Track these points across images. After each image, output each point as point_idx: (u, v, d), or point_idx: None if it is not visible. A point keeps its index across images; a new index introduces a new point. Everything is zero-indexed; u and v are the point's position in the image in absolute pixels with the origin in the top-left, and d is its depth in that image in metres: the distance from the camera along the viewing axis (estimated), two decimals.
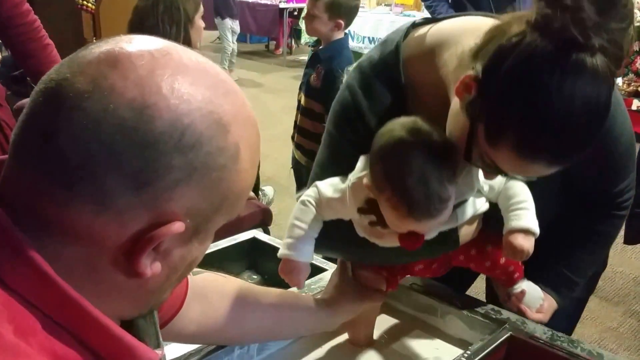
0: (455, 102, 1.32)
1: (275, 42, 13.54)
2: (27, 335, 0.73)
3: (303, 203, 1.53)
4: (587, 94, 1.15)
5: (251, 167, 0.87)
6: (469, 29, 1.35)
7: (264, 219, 3.26)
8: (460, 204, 1.48)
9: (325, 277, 1.83)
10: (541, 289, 1.71)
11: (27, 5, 2.92)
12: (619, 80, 7.55)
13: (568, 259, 1.75)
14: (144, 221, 0.77)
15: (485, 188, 1.50)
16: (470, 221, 1.55)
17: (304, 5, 11.60)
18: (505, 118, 1.20)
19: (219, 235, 2.10)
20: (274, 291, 1.57)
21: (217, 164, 0.80)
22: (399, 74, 1.50)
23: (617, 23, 1.15)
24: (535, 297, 1.69)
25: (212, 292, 1.44)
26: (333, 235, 1.56)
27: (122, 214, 0.75)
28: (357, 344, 1.71)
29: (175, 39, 2.90)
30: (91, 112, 0.73)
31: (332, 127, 1.64)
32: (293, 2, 12.22)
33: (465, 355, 1.51)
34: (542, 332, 1.63)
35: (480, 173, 1.42)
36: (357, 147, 1.50)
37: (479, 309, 1.72)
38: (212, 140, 0.79)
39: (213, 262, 2.05)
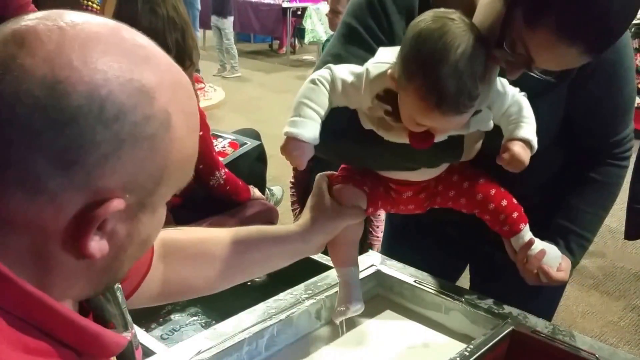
0: None
1: (278, 41, 13.49)
2: None
3: (313, 82, 1.42)
4: None
5: (188, 133, 0.84)
6: None
7: (270, 217, 3.26)
8: (475, 113, 1.40)
9: (331, 275, 1.85)
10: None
11: (32, 6, 2.96)
12: None
13: (573, 214, 1.73)
14: (81, 202, 0.74)
15: (498, 102, 1.45)
16: (475, 138, 1.52)
17: (307, 4, 11.60)
18: None
19: None
20: (237, 231, 1.47)
21: (146, 133, 0.76)
22: None
23: None
24: (554, 256, 1.65)
25: (172, 248, 1.35)
26: (336, 126, 1.44)
27: (55, 197, 0.72)
28: (340, 266, 1.61)
29: (184, 47, 2.82)
30: (4, 96, 0.70)
31: (351, 19, 1.59)
32: (296, 2, 12.18)
33: (468, 349, 1.52)
34: (543, 326, 1.64)
35: (496, 87, 1.41)
36: (377, 41, 1.48)
37: (481, 304, 1.73)
38: (137, 109, 0.75)
39: None
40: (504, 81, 1.44)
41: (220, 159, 3.12)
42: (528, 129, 1.42)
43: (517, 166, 1.40)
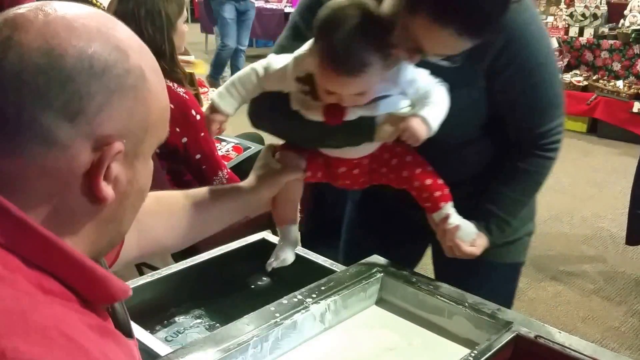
0: None
1: None
2: (14, 271, 0.83)
3: (252, 68, 1.69)
4: None
5: (160, 87, 1.00)
6: None
7: (272, 220, 3.26)
8: (384, 97, 1.62)
9: (336, 279, 1.86)
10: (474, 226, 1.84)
11: None
12: (620, 83, 7.56)
13: (496, 197, 1.88)
14: (88, 148, 0.88)
15: (410, 91, 1.64)
16: (391, 120, 1.64)
17: None
18: None
19: (230, 237, 2.15)
20: (195, 192, 1.69)
21: (128, 84, 0.92)
22: None
23: None
24: (468, 232, 1.82)
25: (141, 215, 1.42)
26: (272, 105, 1.71)
27: (66, 147, 0.87)
28: (281, 223, 1.83)
29: (160, 46, 2.85)
30: (10, 67, 0.84)
31: (296, 14, 1.84)
32: None
33: (472, 355, 1.53)
34: (547, 332, 1.64)
35: (406, 71, 1.61)
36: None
37: (485, 309, 1.73)
38: (118, 63, 0.91)
39: (223, 263, 2.09)
40: (422, 72, 1.64)
41: (225, 163, 3.14)
42: (429, 109, 1.60)
43: (412, 138, 1.59)
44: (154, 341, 1.69)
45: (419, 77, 1.64)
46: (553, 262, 4.67)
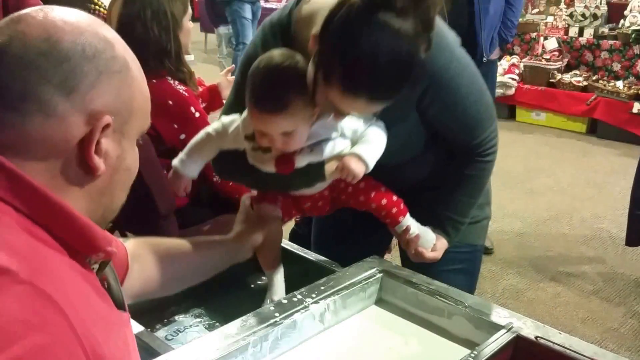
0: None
1: None
2: (5, 213, 0.96)
3: (206, 132, 1.91)
4: (387, 46, 1.47)
5: (142, 80, 1.15)
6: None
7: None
8: (325, 140, 1.80)
9: (335, 278, 1.87)
10: (432, 231, 2.01)
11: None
12: (620, 84, 7.56)
13: (448, 202, 2.04)
14: (82, 121, 1.03)
15: (349, 133, 1.82)
16: (337, 159, 1.81)
17: None
18: (332, 64, 1.53)
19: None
20: (190, 240, 1.81)
21: (114, 68, 1.08)
22: (289, 35, 1.82)
23: None
24: (428, 239, 1.99)
25: (144, 252, 1.66)
26: (233, 163, 1.91)
27: (63, 119, 1.01)
28: (268, 268, 1.96)
29: (166, 46, 2.86)
30: (15, 51, 1.00)
31: (238, 74, 1.96)
32: None
33: (472, 355, 1.53)
34: (547, 333, 1.64)
35: (345, 120, 1.76)
36: None
37: (485, 310, 1.73)
38: (106, 51, 1.07)
39: None
40: (356, 119, 1.80)
41: None
42: (365, 148, 1.78)
43: (349, 176, 1.77)
44: (154, 340, 1.68)
45: (357, 119, 1.80)
46: (552, 263, 4.66)
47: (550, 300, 4.19)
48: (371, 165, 1.78)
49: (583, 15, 8.28)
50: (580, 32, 8.23)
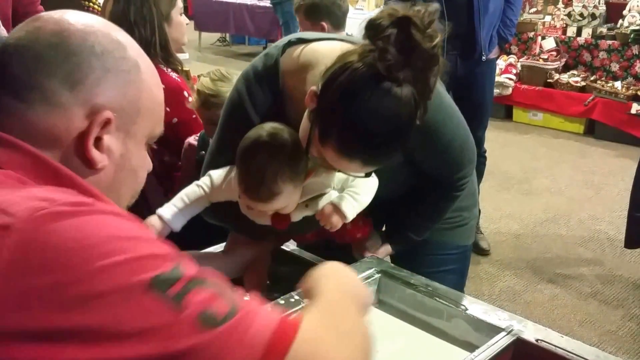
0: (306, 110, 1.67)
1: (272, 44, 13.31)
2: (9, 177, 0.98)
3: (197, 185, 1.92)
4: (388, 114, 1.52)
5: (155, 87, 1.18)
6: (333, 53, 1.63)
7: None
8: (321, 195, 1.87)
9: None
10: (383, 241, 2.16)
11: (40, 7, 3.53)
12: (618, 84, 7.55)
13: (407, 221, 2.15)
14: (83, 114, 1.05)
15: (339, 183, 1.90)
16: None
17: None
18: (330, 125, 1.57)
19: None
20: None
21: (123, 68, 1.10)
22: (277, 84, 1.86)
23: (421, 62, 1.50)
24: (373, 243, 2.14)
25: None
26: (225, 212, 1.96)
27: (66, 110, 1.04)
28: (251, 290, 1.84)
29: (150, 39, 2.89)
30: (28, 44, 1.06)
31: (222, 122, 1.99)
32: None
33: (472, 358, 1.52)
34: (548, 335, 1.63)
35: (337, 175, 1.86)
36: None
37: (485, 312, 1.72)
38: (115, 51, 1.10)
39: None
40: None
41: None
42: (348, 201, 1.85)
43: (326, 224, 1.85)
44: None
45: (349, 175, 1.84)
46: (550, 265, 4.65)
47: (547, 303, 4.17)
48: (350, 217, 1.85)
49: (581, 14, 8.28)
50: (579, 32, 8.22)
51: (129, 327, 0.83)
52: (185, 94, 2.91)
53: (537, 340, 1.61)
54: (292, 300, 1.72)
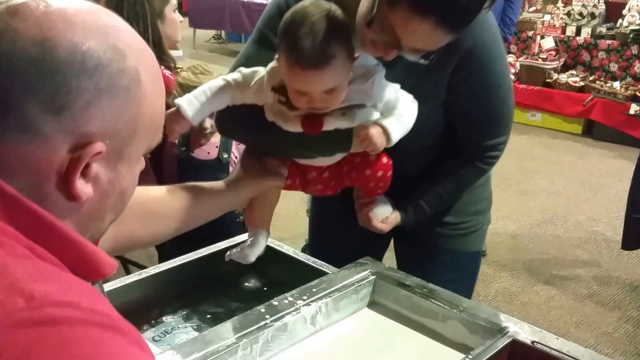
0: None
1: None
2: (10, 238, 0.83)
3: (224, 81, 1.72)
4: None
5: (156, 91, 1.00)
6: None
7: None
8: (359, 106, 1.67)
9: (327, 280, 1.84)
10: (394, 207, 1.97)
11: None
12: (617, 84, 7.55)
13: (425, 192, 1.99)
14: (69, 144, 0.87)
15: (381, 104, 1.69)
16: (363, 128, 1.69)
17: None
18: None
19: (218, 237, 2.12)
20: (177, 188, 1.69)
21: (120, 85, 0.91)
22: None
23: None
24: (382, 210, 1.94)
25: None
26: (245, 117, 1.74)
27: (47, 139, 0.86)
28: (253, 225, 1.83)
29: (144, 36, 2.88)
30: (3, 53, 0.85)
31: (262, 24, 1.87)
32: None
33: (468, 359, 1.51)
34: (543, 337, 1.62)
35: (380, 84, 1.67)
36: None
37: (480, 314, 1.71)
38: (112, 63, 0.90)
39: (213, 263, 2.05)
40: (395, 86, 1.72)
41: None
42: (391, 121, 1.67)
43: (369, 147, 1.66)
44: None
45: (391, 91, 1.71)
46: (546, 266, 4.65)
47: (544, 304, 4.18)
48: (394, 140, 1.67)
49: (580, 14, 8.28)
50: (578, 32, 8.23)
51: None
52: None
53: (532, 342, 1.60)
54: (286, 301, 1.72)
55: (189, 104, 1.68)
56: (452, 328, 1.74)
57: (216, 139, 2.92)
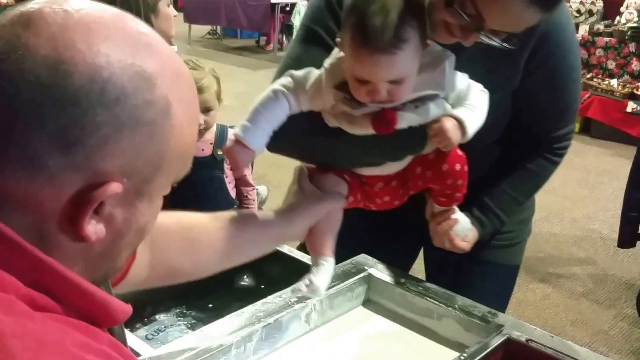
0: None
1: (265, 37, 13.26)
2: (9, 292, 0.72)
3: (274, 92, 1.51)
4: None
5: (188, 123, 0.85)
6: None
7: None
8: (432, 97, 1.48)
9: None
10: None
11: None
12: (614, 82, 7.55)
13: (496, 195, 1.83)
14: (79, 183, 0.75)
15: (453, 95, 1.52)
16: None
17: (296, 0, 11.53)
18: None
19: None
20: (222, 216, 1.48)
21: (146, 118, 0.78)
22: None
23: None
24: (464, 227, 1.75)
25: (159, 234, 1.30)
26: (303, 125, 1.54)
27: (55, 177, 0.74)
28: (315, 253, 1.58)
29: None
30: (7, 73, 0.72)
31: (308, 21, 1.69)
32: None
33: (462, 358, 1.50)
34: (539, 335, 1.62)
35: (453, 77, 1.50)
36: (334, 41, 1.53)
37: (475, 312, 1.71)
38: (137, 93, 0.77)
39: None
40: (465, 76, 1.54)
41: None
42: (465, 111, 1.50)
43: (443, 142, 1.48)
44: (134, 339, 1.65)
45: (462, 80, 1.54)
46: (542, 264, 4.65)
47: (539, 302, 4.17)
48: (470, 134, 1.49)
49: (578, 11, 8.28)
50: (575, 29, 8.21)
51: None
52: None
53: (527, 341, 1.60)
54: (280, 299, 1.72)
55: (246, 131, 1.48)
56: (447, 326, 1.73)
57: (210, 135, 2.90)
